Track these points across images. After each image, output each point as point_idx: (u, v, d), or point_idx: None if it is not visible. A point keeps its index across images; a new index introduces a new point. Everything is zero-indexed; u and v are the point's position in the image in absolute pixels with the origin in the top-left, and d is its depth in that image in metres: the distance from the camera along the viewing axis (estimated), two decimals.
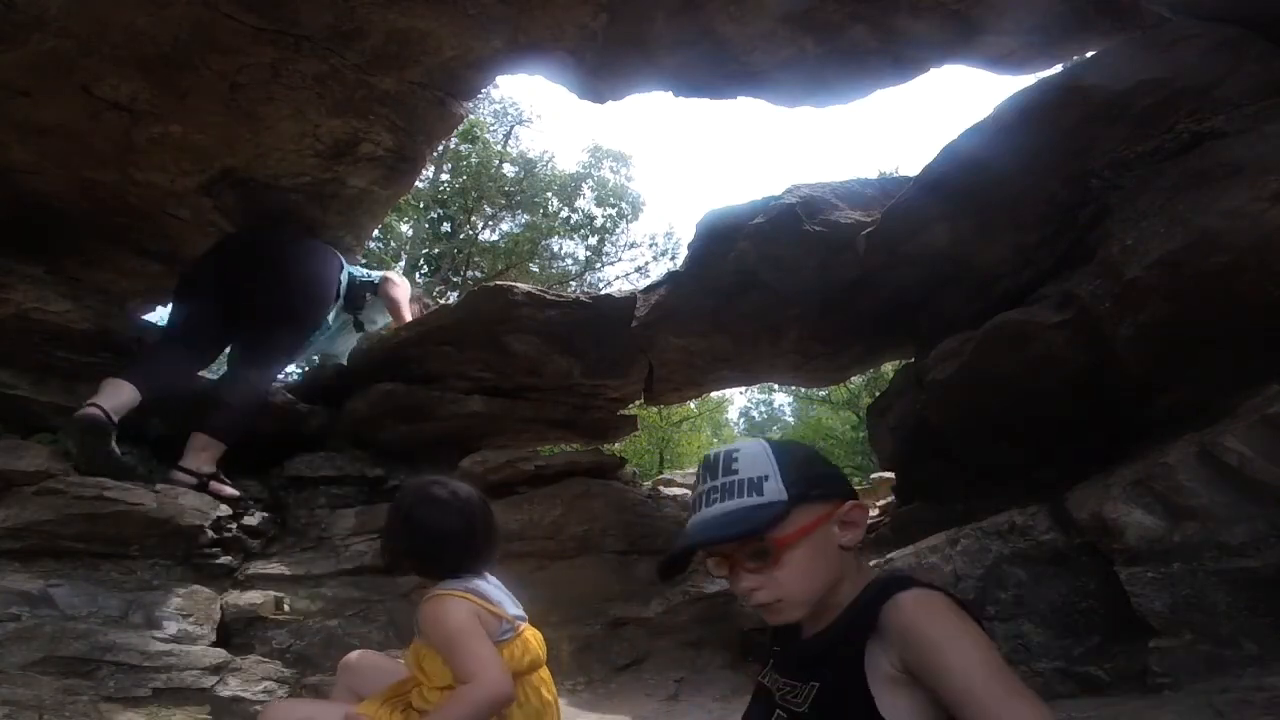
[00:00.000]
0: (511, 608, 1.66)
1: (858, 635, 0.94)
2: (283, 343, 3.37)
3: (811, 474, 1.03)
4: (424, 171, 6.49)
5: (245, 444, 3.36)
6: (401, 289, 3.73)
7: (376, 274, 3.79)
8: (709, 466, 1.05)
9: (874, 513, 3.96)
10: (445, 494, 1.71)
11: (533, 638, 1.66)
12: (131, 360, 3.07)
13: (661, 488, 4.18)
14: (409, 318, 3.63)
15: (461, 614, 1.53)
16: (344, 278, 3.55)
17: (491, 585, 1.67)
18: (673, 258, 14.59)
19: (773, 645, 1.13)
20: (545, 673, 1.67)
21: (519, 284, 3.39)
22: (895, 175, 4.42)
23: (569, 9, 2.81)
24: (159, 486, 2.95)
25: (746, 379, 4.08)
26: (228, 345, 3.40)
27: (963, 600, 0.95)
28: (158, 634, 2.62)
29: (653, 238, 15.74)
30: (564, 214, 13.74)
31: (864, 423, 5.22)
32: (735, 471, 1.02)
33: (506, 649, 1.56)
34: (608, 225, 14.37)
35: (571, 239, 14.27)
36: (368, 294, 3.67)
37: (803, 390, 14.91)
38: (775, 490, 1.00)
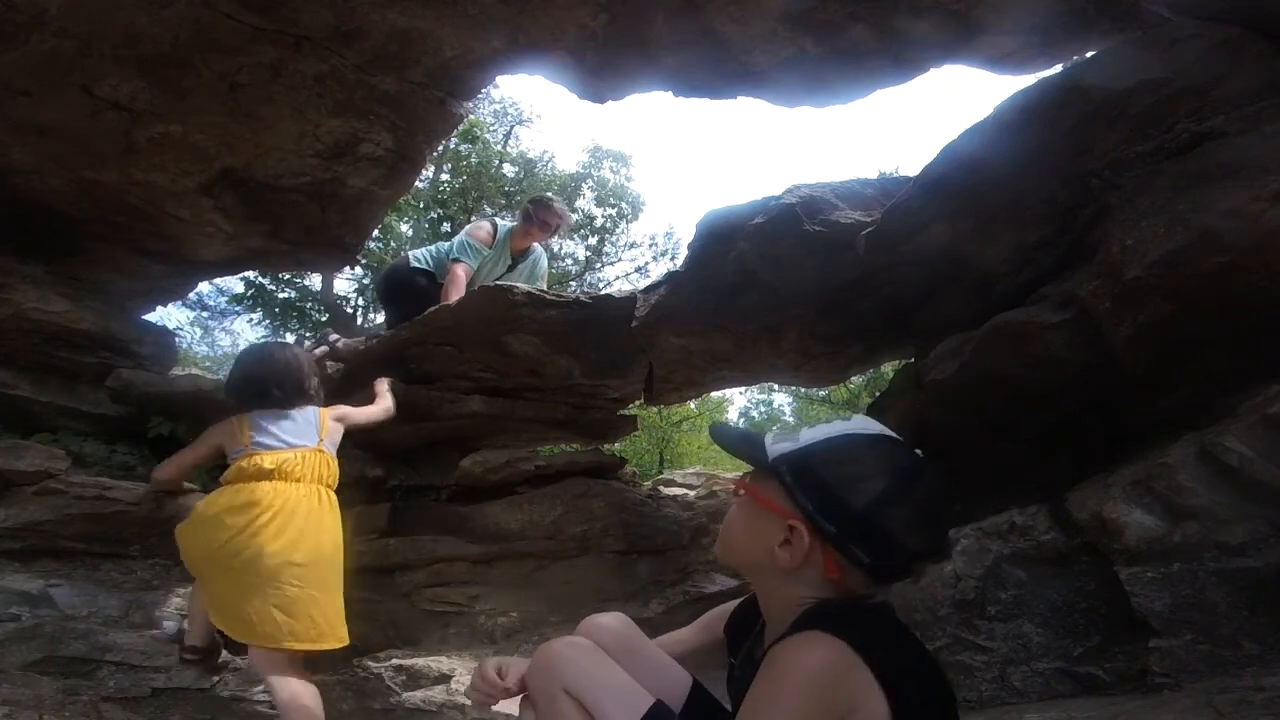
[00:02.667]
0: (264, 437, 2.39)
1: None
2: None
3: (810, 474, 0.97)
4: (424, 171, 6.48)
5: None
6: (454, 280, 3.81)
7: (456, 245, 3.98)
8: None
9: None
10: (259, 352, 2.67)
11: (273, 458, 2.34)
12: None
13: (661, 488, 4.18)
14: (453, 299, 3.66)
15: (211, 433, 2.49)
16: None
17: (269, 417, 2.44)
18: (673, 258, 14.59)
19: (730, 658, 1.16)
20: (282, 488, 2.31)
21: (519, 284, 3.39)
22: (895, 175, 4.41)
23: (569, 9, 2.81)
24: None
25: (746, 379, 4.08)
26: None
27: (868, 653, 0.87)
28: (158, 634, 2.62)
29: (653, 238, 15.72)
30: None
31: None
32: (815, 424, 1.05)
33: (236, 461, 2.35)
34: (608, 225, 14.36)
35: (571, 239, 14.27)
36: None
37: (803, 390, 14.90)
38: (777, 450, 1.00)
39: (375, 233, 7.28)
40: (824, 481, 0.95)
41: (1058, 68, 2.86)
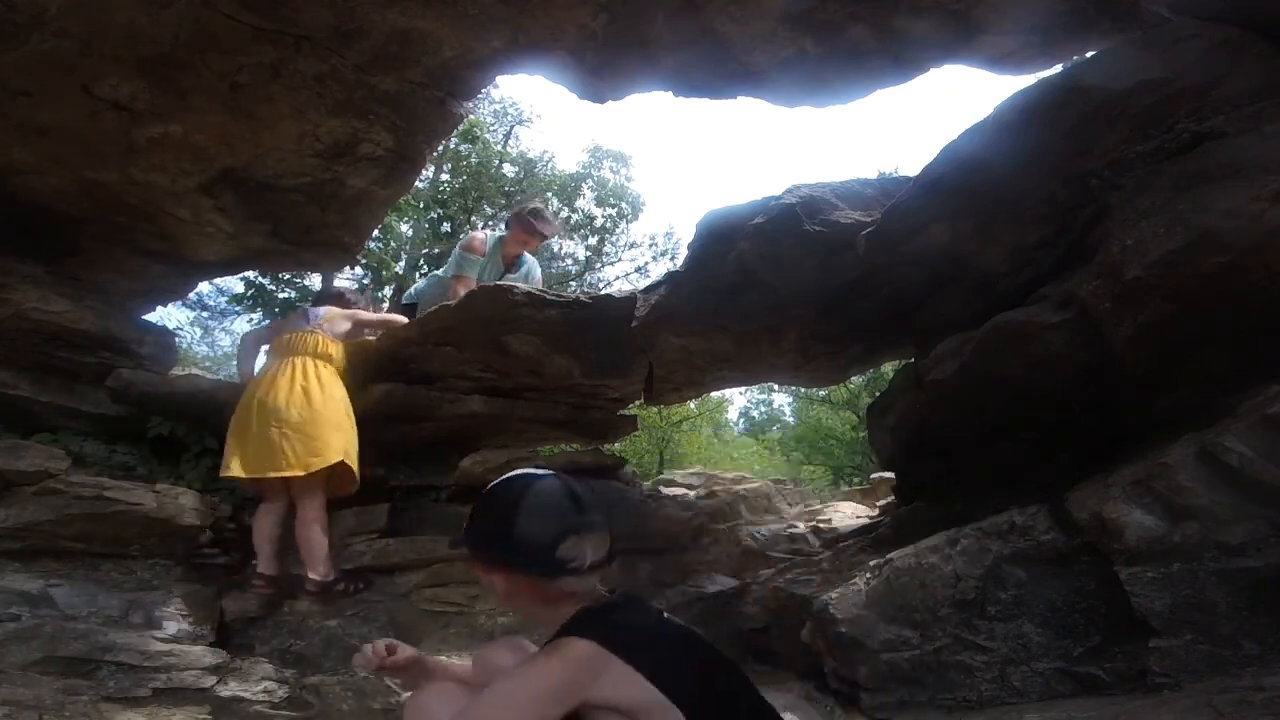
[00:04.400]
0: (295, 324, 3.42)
1: None
2: None
3: (483, 532, 1.24)
4: (424, 171, 6.48)
5: None
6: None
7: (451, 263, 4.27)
8: None
9: (874, 513, 3.96)
10: None
11: (280, 340, 3.34)
12: None
13: (661, 488, 4.18)
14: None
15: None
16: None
17: (312, 310, 3.53)
18: (673, 258, 14.60)
19: None
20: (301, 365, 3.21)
21: (519, 284, 3.39)
22: (895, 175, 4.41)
23: (569, 9, 2.81)
24: (159, 487, 2.95)
25: (746, 379, 4.08)
26: None
27: (616, 645, 1.07)
28: (158, 634, 2.62)
29: (653, 238, 15.74)
30: (564, 214, 13.73)
31: (864, 423, 5.22)
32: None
33: None
34: (608, 225, 14.37)
35: (571, 239, 14.27)
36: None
37: (803, 390, 14.90)
38: (461, 534, 1.28)
39: (375, 232, 7.27)
40: (484, 531, 1.23)
41: (1058, 68, 2.86)
